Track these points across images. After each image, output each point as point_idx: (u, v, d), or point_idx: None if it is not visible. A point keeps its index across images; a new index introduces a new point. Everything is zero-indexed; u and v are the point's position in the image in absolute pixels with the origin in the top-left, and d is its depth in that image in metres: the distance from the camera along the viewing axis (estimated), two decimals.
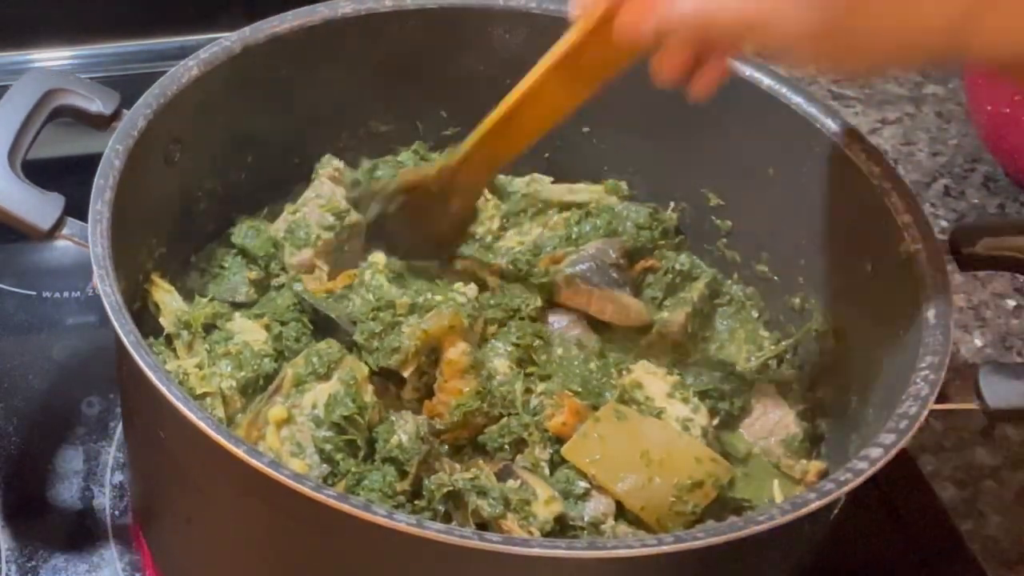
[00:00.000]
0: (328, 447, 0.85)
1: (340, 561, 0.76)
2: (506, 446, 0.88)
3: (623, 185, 1.07)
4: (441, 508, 0.82)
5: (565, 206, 1.06)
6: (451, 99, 1.05)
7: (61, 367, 1.09)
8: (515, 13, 1.01)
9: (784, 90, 0.97)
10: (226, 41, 0.94)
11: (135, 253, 0.91)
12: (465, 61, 1.03)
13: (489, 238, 1.05)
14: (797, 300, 1.00)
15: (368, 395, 0.87)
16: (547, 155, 1.08)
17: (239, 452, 0.71)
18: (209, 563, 0.87)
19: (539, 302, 0.97)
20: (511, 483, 0.84)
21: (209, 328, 0.93)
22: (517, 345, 0.93)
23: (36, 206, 0.83)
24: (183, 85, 0.91)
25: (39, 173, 0.86)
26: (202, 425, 0.72)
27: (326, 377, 0.88)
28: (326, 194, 1.00)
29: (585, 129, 1.06)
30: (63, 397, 1.07)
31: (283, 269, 0.99)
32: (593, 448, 0.86)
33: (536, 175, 1.09)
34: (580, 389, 0.91)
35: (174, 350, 0.92)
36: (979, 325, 1.19)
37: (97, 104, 0.89)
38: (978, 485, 1.06)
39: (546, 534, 0.81)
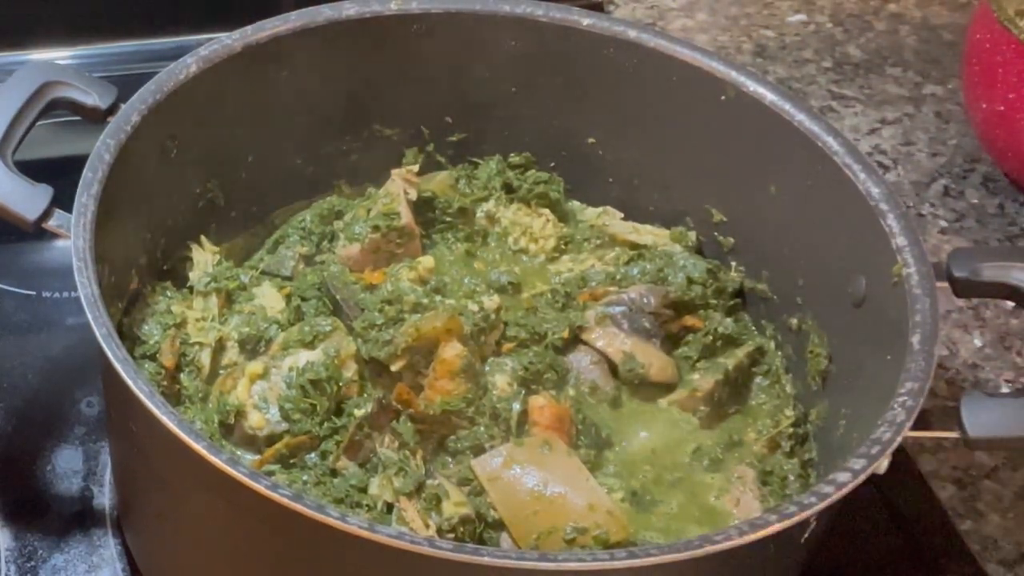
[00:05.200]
0: (288, 406, 0.87)
1: (297, 560, 0.76)
2: (467, 450, 0.87)
3: (691, 235, 1.04)
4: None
5: (627, 244, 1.05)
6: (456, 104, 1.05)
7: (61, 367, 1.09)
8: (521, 20, 1.00)
9: (787, 107, 0.96)
10: (227, 39, 0.94)
11: (126, 246, 0.92)
12: (470, 66, 1.03)
13: (542, 257, 1.05)
14: (795, 321, 0.99)
15: (350, 372, 0.89)
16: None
17: (199, 448, 0.72)
18: (179, 559, 0.87)
19: (566, 333, 0.95)
20: (429, 481, 0.84)
21: (234, 291, 0.96)
22: (527, 369, 0.92)
23: (24, 196, 0.85)
24: (180, 82, 0.92)
25: (39, 172, 0.87)
26: (165, 420, 0.73)
27: (311, 346, 0.90)
28: (392, 193, 1.01)
29: (591, 140, 1.06)
30: (63, 397, 1.07)
31: (332, 251, 1.00)
32: (500, 468, 0.85)
33: (609, 208, 1.07)
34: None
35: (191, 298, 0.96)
36: (979, 325, 1.18)
37: (93, 98, 0.90)
38: (977, 485, 1.05)
39: (451, 529, 0.82)
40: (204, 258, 0.98)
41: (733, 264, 1.03)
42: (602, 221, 1.07)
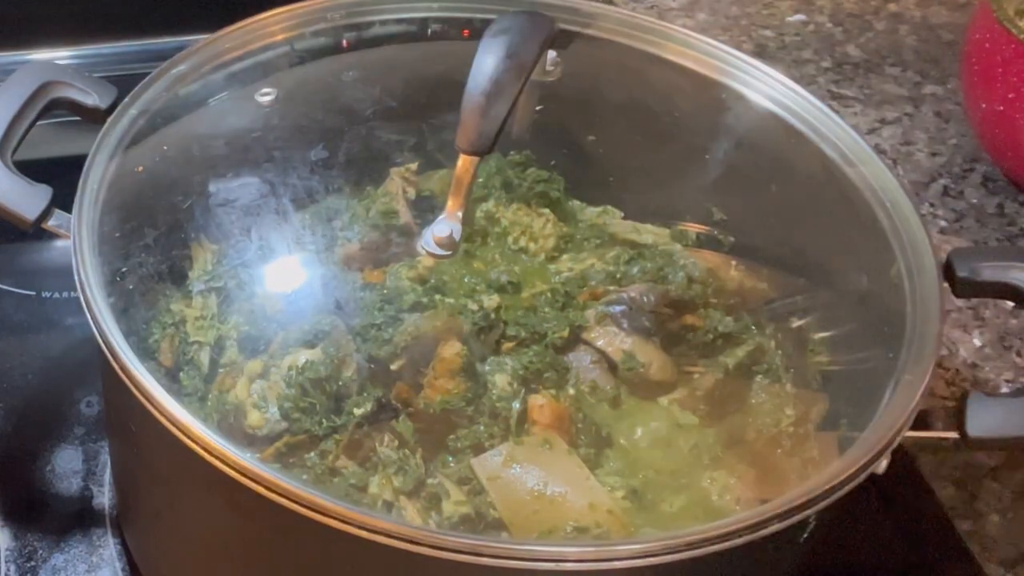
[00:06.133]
0: (287, 404, 0.87)
1: (297, 559, 0.76)
2: (467, 449, 0.87)
3: (691, 234, 1.04)
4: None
5: (627, 243, 1.04)
6: (456, 103, 1.05)
7: (61, 367, 1.10)
8: None
9: (788, 104, 0.96)
10: None
11: (126, 245, 0.92)
12: (469, 65, 1.03)
13: (541, 256, 1.05)
14: (795, 319, 0.99)
15: (350, 371, 0.89)
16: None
17: (199, 448, 0.72)
18: (179, 559, 0.87)
19: (566, 332, 0.95)
20: (429, 480, 0.84)
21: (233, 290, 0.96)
22: (527, 368, 0.91)
23: (23, 196, 0.85)
24: None
25: (39, 172, 0.87)
26: (165, 420, 0.73)
27: (311, 345, 0.90)
28: (391, 192, 1.01)
29: (591, 137, 1.06)
30: (63, 397, 1.08)
31: (332, 250, 0.99)
32: (500, 467, 0.85)
33: (609, 207, 1.07)
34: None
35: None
36: (978, 325, 1.17)
37: (93, 98, 0.90)
38: (978, 485, 1.05)
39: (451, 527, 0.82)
40: (204, 257, 0.98)
41: (733, 263, 1.03)
42: (602, 220, 1.07)
